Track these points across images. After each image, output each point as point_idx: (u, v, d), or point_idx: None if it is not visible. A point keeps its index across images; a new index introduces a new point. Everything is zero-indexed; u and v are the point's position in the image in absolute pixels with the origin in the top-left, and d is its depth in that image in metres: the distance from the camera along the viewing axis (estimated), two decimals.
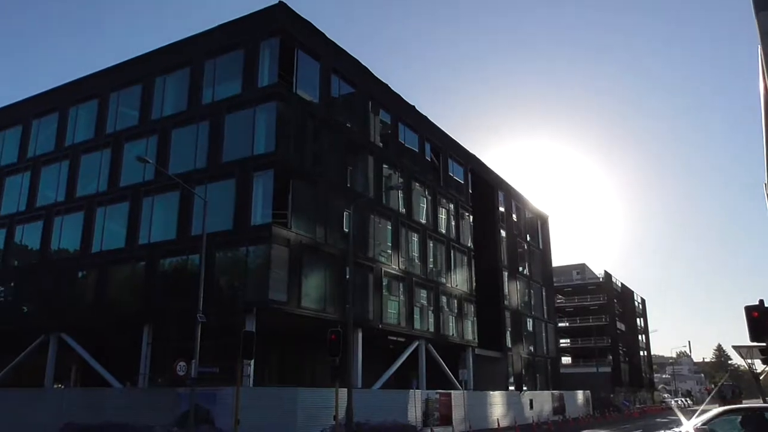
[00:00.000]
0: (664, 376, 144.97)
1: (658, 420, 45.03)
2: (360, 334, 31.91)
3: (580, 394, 56.40)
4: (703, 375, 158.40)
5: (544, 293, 59.78)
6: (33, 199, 36.80)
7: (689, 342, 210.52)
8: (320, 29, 32.45)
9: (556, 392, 51.51)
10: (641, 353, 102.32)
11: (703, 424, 12.04)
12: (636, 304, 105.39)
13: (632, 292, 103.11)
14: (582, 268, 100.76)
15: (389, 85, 38.45)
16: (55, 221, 35.16)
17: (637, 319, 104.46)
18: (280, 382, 32.29)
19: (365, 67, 36.16)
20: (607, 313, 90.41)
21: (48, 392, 31.06)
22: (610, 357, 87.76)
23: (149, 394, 26.63)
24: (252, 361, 24.77)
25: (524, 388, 47.78)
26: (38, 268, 35.09)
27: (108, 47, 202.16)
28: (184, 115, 31.88)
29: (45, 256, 35.02)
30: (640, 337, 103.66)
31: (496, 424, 35.62)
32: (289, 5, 30.24)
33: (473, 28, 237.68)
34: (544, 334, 58.02)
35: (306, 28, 31.52)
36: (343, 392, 23.54)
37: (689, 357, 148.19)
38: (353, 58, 35.17)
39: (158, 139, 32.24)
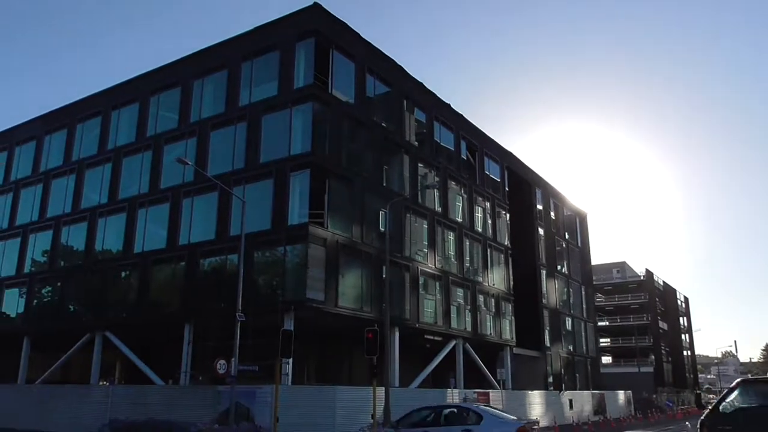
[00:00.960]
0: (709, 376, 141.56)
1: None
2: (397, 333, 31.94)
3: (621, 395, 55.41)
4: (749, 375, 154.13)
5: (583, 292, 58.91)
6: (78, 201, 37.80)
7: (735, 341, 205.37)
8: (354, 29, 32.57)
9: (596, 392, 50.70)
10: (685, 353, 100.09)
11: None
12: (679, 302, 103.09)
13: (675, 290, 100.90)
14: (622, 266, 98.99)
15: (424, 84, 38.38)
16: (99, 222, 36.07)
17: (680, 318, 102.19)
18: (318, 381, 32.55)
19: (400, 65, 36.17)
20: (649, 312, 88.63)
21: (94, 389, 31.88)
22: (652, 357, 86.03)
23: (191, 392, 27.12)
24: (290, 360, 25.03)
25: (563, 388, 47.15)
26: (83, 268, 36.07)
27: (147, 51, 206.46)
28: (222, 117, 32.35)
29: (90, 257, 35.95)
30: (683, 336, 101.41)
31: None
32: (323, 6, 30.43)
33: (505, 17, 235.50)
34: (583, 333, 57.17)
35: (340, 28, 31.66)
36: (381, 391, 23.60)
37: (735, 357, 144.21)
38: (388, 56, 35.19)
39: (197, 140, 32.79)
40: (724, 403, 14.01)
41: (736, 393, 13.94)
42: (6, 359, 43.07)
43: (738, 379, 14.94)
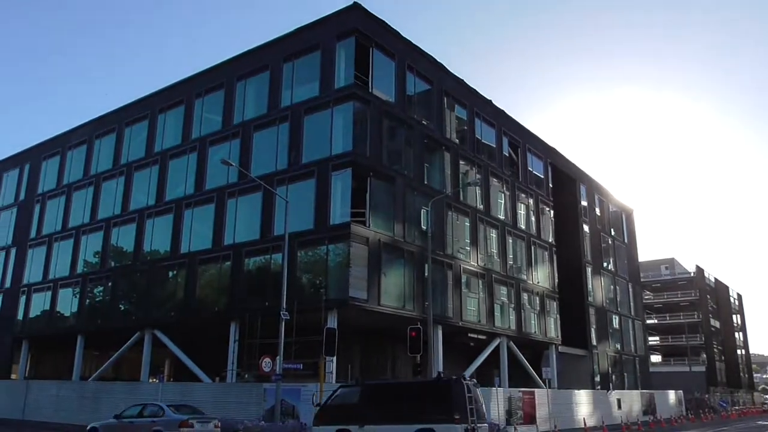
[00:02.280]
0: (765, 376, 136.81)
1: (760, 422, 42.48)
2: (440, 332, 31.83)
3: (671, 394, 54.01)
4: None
5: (630, 289, 57.65)
6: (126, 202, 38.81)
7: None
8: (394, 27, 32.54)
9: (645, 392, 49.55)
10: (738, 352, 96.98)
11: None
12: (732, 299, 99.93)
13: (727, 287, 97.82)
14: (671, 263, 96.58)
15: (465, 80, 38.12)
16: (147, 223, 36.97)
17: (734, 316, 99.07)
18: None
19: (440, 63, 35.99)
20: (700, 310, 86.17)
21: (144, 386, 32.71)
22: (704, 355, 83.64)
23: (237, 389, 27.55)
24: (334, 358, 25.22)
25: (611, 387, 46.24)
26: (133, 268, 37.03)
27: (189, 55, 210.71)
28: (265, 117, 32.75)
29: (138, 257, 36.88)
30: (736, 334, 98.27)
31: (583, 423, 34.61)
32: (362, 5, 30.50)
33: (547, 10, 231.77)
34: (631, 332, 55.95)
35: (380, 27, 31.69)
36: None
37: None
38: (428, 54, 35.07)
39: (240, 142, 33.28)
40: None
41: None
42: (62, 357, 44.63)
43: None
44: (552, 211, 46.32)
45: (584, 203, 51.25)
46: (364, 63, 30.38)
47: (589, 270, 49.35)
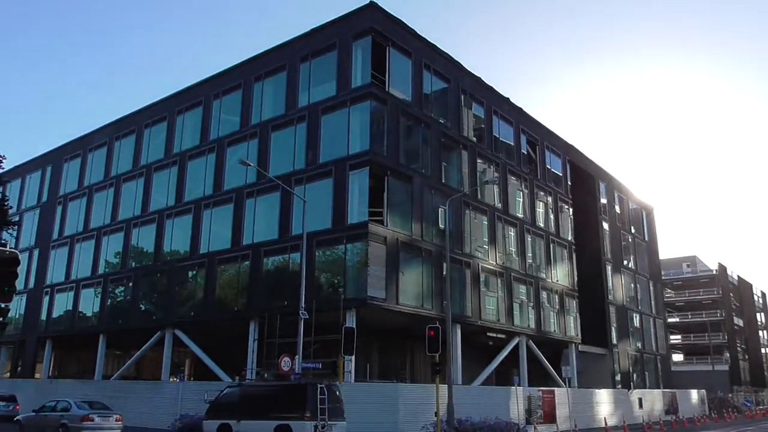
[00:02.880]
0: None
1: None
2: (459, 331, 31.76)
3: (694, 394, 53.41)
4: None
5: (651, 287, 57.07)
6: (146, 203, 39.22)
7: None
8: (410, 25, 32.49)
9: (667, 391, 49.06)
10: (763, 350, 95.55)
11: None
12: (755, 297, 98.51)
13: (750, 285, 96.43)
14: (693, 261, 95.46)
15: (482, 78, 37.97)
16: (167, 224, 37.32)
17: (758, 314, 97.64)
18: (380, 378, 32.70)
19: (457, 61, 35.89)
20: (723, 308, 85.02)
21: (165, 385, 33.02)
22: (727, 354, 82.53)
23: None
24: (353, 357, 25.25)
25: (632, 387, 45.82)
26: (153, 268, 37.40)
27: (206, 56, 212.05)
28: (282, 118, 32.89)
29: (159, 257, 37.24)
30: (761, 333, 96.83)
31: (603, 423, 34.33)
32: (379, 4, 30.48)
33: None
34: (652, 330, 55.38)
35: (397, 26, 31.67)
36: (443, 389, 23.49)
37: None
38: (445, 52, 34.98)
39: (258, 142, 33.46)
40: None
41: None
42: (85, 356, 45.24)
43: None
44: (571, 209, 45.99)
45: (604, 201, 50.81)
46: (381, 62, 30.39)
47: (609, 268, 48.95)
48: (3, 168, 24.00)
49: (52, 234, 46.30)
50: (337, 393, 20.21)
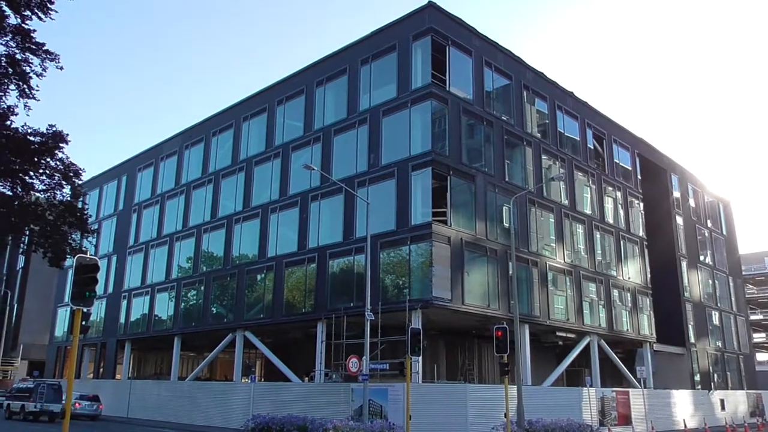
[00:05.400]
0: None
1: None
2: (527, 331, 31.26)
3: None
4: None
5: (730, 283, 54.47)
6: (215, 209, 40.37)
7: None
8: (469, 23, 32.21)
9: (751, 392, 46.76)
10: None
11: None
12: None
13: None
14: None
15: (544, 73, 37.21)
16: (235, 229, 38.31)
17: None
18: (448, 379, 32.55)
19: (518, 57, 35.31)
20: None
21: (237, 386, 33.90)
22: None
23: (326, 389, 28.06)
24: (420, 358, 25.21)
25: (713, 387, 43.87)
26: (223, 272, 38.46)
27: (266, 63, 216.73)
28: (344, 121, 33.21)
29: (228, 261, 38.27)
30: None
31: (683, 425, 33.06)
32: (437, 3, 30.36)
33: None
34: (733, 328, 52.82)
35: (456, 24, 31.46)
36: (513, 389, 23.16)
37: None
38: (505, 49, 34.49)
39: (321, 146, 33.90)
40: None
41: None
42: (161, 358, 47.02)
43: None
44: (642, 204, 44.47)
45: (676, 194, 48.88)
46: (441, 61, 30.25)
47: (684, 264, 47.05)
48: (82, 180, 25.10)
49: (128, 241, 48.30)
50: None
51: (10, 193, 21.94)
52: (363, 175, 31.05)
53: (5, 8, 19.92)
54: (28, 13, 20.21)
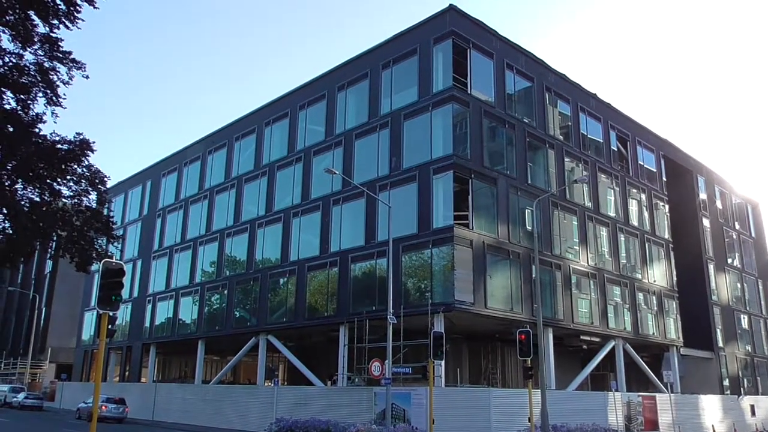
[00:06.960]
0: None
1: None
2: (550, 334, 30.98)
3: None
4: None
5: (760, 286, 53.41)
6: (238, 214, 40.69)
7: None
8: (490, 26, 32.12)
9: None
10: None
11: None
12: None
13: None
14: None
15: (566, 75, 36.95)
16: (258, 233, 38.56)
17: None
18: (471, 383, 32.38)
19: (540, 59, 35.12)
20: None
21: (261, 389, 34.04)
22: None
23: (348, 393, 28.04)
24: (442, 362, 25.11)
25: (743, 392, 43.02)
26: (246, 276, 38.72)
27: (289, 67, 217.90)
28: (365, 125, 33.28)
29: (251, 266, 38.52)
30: None
31: (711, 431, 32.45)
32: (458, 6, 30.32)
33: None
34: (763, 332, 51.78)
35: (477, 27, 31.39)
36: (536, 393, 22.96)
37: None
38: (527, 51, 34.32)
39: (343, 150, 34.01)
40: None
41: None
42: (186, 361, 47.45)
43: None
44: (667, 206, 43.86)
45: (703, 196, 48.12)
46: (462, 64, 30.20)
47: (711, 267, 46.30)
48: (107, 186, 25.50)
49: (153, 245, 48.87)
50: None
51: (39, 199, 22.36)
52: (384, 178, 31.07)
53: (34, 17, 20.31)
54: (55, 21, 20.55)
